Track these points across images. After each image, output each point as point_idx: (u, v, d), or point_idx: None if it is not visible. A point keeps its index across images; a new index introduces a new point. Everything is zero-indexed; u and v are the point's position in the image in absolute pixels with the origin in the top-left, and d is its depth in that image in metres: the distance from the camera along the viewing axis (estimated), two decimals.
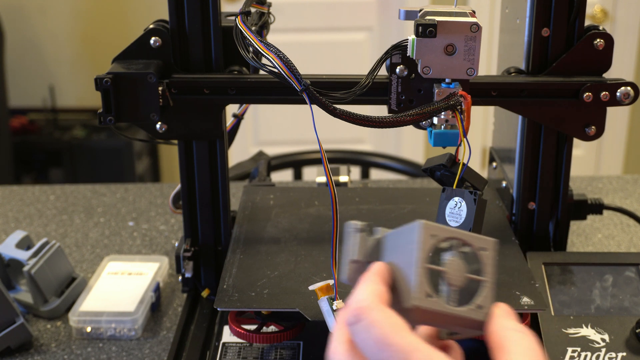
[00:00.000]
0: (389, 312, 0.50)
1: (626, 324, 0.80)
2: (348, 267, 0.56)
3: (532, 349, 0.50)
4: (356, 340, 0.50)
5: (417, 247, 0.52)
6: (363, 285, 0.53)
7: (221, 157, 0.88)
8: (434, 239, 0.53)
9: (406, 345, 0.48)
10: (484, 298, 0.53)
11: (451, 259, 0.53)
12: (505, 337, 0.51)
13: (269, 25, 0.93)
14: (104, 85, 0.79)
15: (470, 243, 0.54)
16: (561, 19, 0.84)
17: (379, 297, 0.51)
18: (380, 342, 0.49)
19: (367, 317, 0.50)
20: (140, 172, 3.02)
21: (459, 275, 0.53)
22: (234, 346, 0.83)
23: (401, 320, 0.50)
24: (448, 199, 0.77)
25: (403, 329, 0.49)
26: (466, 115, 0.72)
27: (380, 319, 0.49)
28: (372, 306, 0.50)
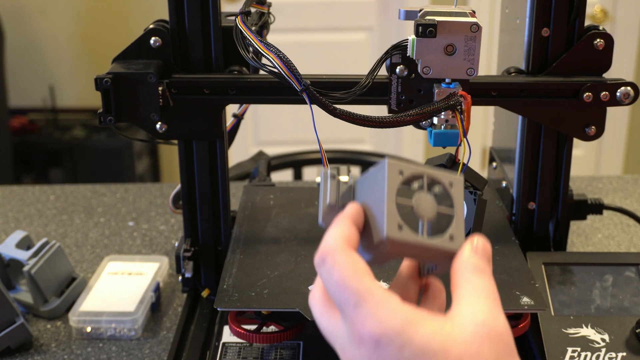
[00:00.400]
0: (351, 256, 0.52)
1: (626, 324, 0.80)
2: (323, 211, 0.58)
3: (484, 288, 0.51)
4: (322, 281, 0.53)
5: (386, 184, 0.54)
6: (332, 228, 0.54)
7: (221, 157, 0.88)
8: (401, 176, 0.55)
9: (362, 288, 0.50)
10: (454, 229, 0.55)
11: (419, 194, 0.55)
12: (461, 276, 0.52)
13: (269, 25, 0.93)
14: (104, 85, 0.79)
15: (438, 179, 0.56)
16: (561, 19, 0.84)
17: (344, 239, 0.53)
18: (339, 284, 0.51)
19: (331, 259, 0.52)
20: (140, 172, 3.02)
21: (428, 209, 0.55)
22: (234, 346, 0.83)
23: (362, 264, 0.51)
24: None
25: (361, 273, 0.51)
26: (466, 115, 0.72)
27: (341, 262, 0.51)
28: (335, 249, 0.52)
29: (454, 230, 0.55)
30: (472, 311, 0.50)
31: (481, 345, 0.48)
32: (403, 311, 0.49)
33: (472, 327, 0.49)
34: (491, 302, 0.51)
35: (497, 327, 0.49)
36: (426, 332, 0.48)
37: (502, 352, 0.49)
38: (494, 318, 0.50)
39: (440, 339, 0.48)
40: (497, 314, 0.50)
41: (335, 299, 0.52)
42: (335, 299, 0.52)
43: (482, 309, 0.50)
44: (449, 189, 0.56)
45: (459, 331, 0.49)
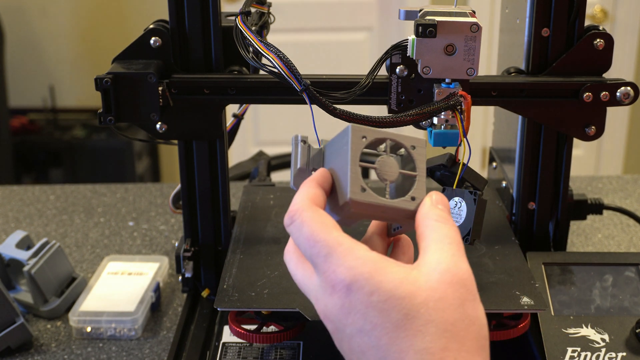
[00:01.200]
0: (318, 212, 0.55)
1: (626, 324, 0.80)
2: (294, 174, 0.61)
3: (447, 236, 0.54)
4: (293, 239, 0.56)
5: (349, 148, 0.57)
6: (299, 191, 0.57)
7: (221, 157, 0.88)
8: (365, 140, 0.57)
9: (331, 240, 0.53)
10: (416, 190, 0.58)
11: (382, 157, 0.58)
12: (425, 225, 0.55)
13: (269, 25, 0.93)
14: (104, 85, 0.79)
15: (401, 142, 0.59)
16: (561, 19, 0.84)
17: (311, 199, 0.56)
18: (309, 238, 0.54)
19: (299, 217, 0.55)
20: (140, 172, 3.02)
21: (391, 171, 0.58)
22: (234, 346, 0.83)
23: (329, 219, 0.55)
24: (448, 198, 0.77)
25: (329, 226, 0.54)
26: (466, 115, 0.72)
27: (309, 218, 0.54)
28: (303, 207, 0.55)
29: (416, 192, 0.58)
30: (437, 259, 0.53)
31: (445, 290, 0.51)
32: (371, 258, 0.52)
33: (436, 274, 0.52)
34: (454, 249, 0.54)
35: (459, 272, 0.52)
36: (394, 279, 0.51)
37: (464, 296, 0.52)
38: (457, 264, 0.53)
39: (407, 285, 0.51)
40: (460, 260, 0.53)
41: (307, 254, 0.55)
42: (307, 254, 0.55)
43: (446, 256, 0.53)
44: (411, 152, 0.59)
45: (424, 278, 0.51)
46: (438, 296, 0.51)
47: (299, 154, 0.61)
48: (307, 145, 0.61)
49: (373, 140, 0.58)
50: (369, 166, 0.57)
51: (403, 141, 0.59)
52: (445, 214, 0.56)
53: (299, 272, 0.57)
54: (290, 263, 0.58)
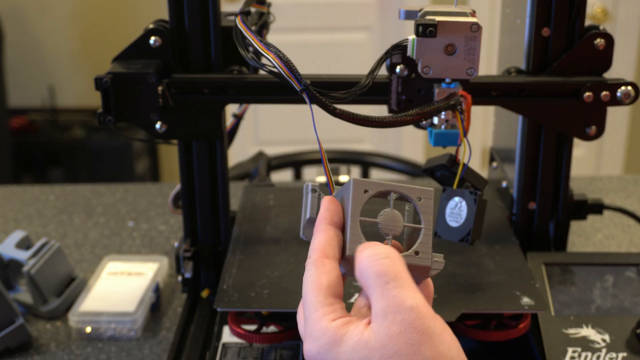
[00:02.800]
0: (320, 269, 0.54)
1: (627, 324, 0.80)
2: (304, 225, 0.59)
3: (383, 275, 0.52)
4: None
5: (351, 202, 0.56)
6: (313, 237, 0.57)
7: (221, 157, 0.88)
8: (367, 194, 0.56)
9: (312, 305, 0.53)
10: (420, 244, 0.56)
11: (386, 211, 0.57)
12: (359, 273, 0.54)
13: (269, 25, 0.93)
14: (104, 85, 0.79)
15: (407, 194, 0.57)
16: (561, 19, 0.84)
17: (320, 250, 0.55)
18: (304, 296, 0.55)
19: (306, 272, 0.55)
20: (140, 172, 3.02)
21: (394, 225, 0.56)
22: (233, 346, 0.82)
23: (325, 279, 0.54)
24: (448, 199, 0.77)
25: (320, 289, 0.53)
26: (466, 115, 0.72)
27: (309, 277, 0.55)
28: (311, 262, 0.55)
29: (420, 246, 0.56)
30: (381, 309, 0.51)
31: (396, 345, 0.49)
32: (330, 329, 0.52)
33: (384, 328, 0.50)
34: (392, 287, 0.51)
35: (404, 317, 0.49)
36: (348, 348, 0.51)
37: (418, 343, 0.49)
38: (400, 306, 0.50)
39: (360, 351, 0.50)
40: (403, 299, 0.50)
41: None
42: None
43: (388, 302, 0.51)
44: (417, 204, 0.57)
45: (374, 337, 0.50)
46: (391, 353, 0.49)
47: (308, 203, 0.59)
48: (318, 194, 0.59)
49: (377, 193, 0.57)
50: (371, 221, 0.56)
51: (409, 193, 0.57)
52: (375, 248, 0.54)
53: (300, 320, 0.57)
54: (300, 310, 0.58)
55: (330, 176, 0.68)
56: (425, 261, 0.56)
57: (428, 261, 0.56)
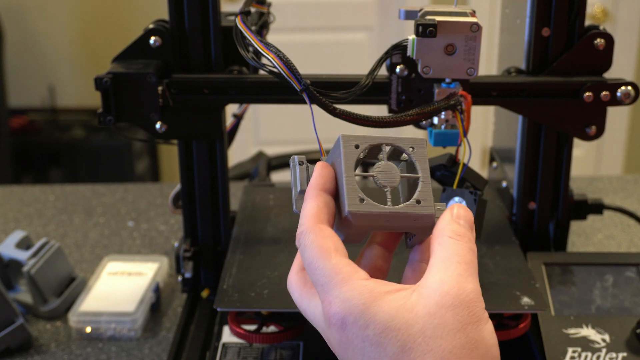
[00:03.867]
0: (320, 233, 0.52)
1: (627, 324, 0.80)
2: (296, 198, 0.57)
3: (457, 254, 0.51)
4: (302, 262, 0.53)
5: (343, 159, 0.54)
6: (303, 207, 0.54)
7: (221, 157, 0.88)
8: (358, 149, 0.55)
9: (328, 268, 0.50)
10: (420, 192, 0.54)
11: (380, 164, 0.55)
12: (438, 243, 0.52)
13: (269, 25, 0.93)
14: (104, 85, 0.79)
15: (399, 145, 0.56)
16: (561, 19, 0.84)
17: (315, 216, 0.53)
18: (310, 265, 0.52)
19: (303, 241, 0.53)
20: (140, 172, 3.02)
21: (391, 177, 0.55)
22: (233, 346, 0.82)
23: (330, 241, 0.52)
24: (448, 199, 0.77)
25: (328, 252, 0.51)
26: (466, 115, 0.72)
27: (310, 244, 0.52)
28: (307, 229, 0.53)
29: (421, 194, 0.54)
30: (439, 279, 0.49)
31: (444, 315, 0.48)
32: (366, 288, 0.49)
33: (436, 297, 0.48)
34: (461, 268, 0.50)
35: (462, 294, 0.49)
36: (389, 308, 0.48)
37: (466, 320, 0.48)
38: (461, 285, 0.49)
39: (403, 314, 0.48)
40: (465, 281, 0.49)
41: (311, 280, 0.52)
42: (311, 280, 0.52)
43: (450, 275, 0.49)
44: (410, 154, 0.56)
45: (423, 303, 0.48)
46: (436, 322, 0.48)
47: (297, 176, 0.58)
48: (306, 166, 0.58)
49: (368, 148, 0.55)
50: (366, 174, 0.55)
51: (400, 143, 0.56)
52: (464, 229, 0.53)
53: (304, 303, 0.55)
54: (294, 293, 0.56)
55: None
56: (428, 209, 0.54)
57: (431, 209, 0.54)
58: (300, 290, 0.55)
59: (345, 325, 0.49)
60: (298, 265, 0.57)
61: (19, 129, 3.05)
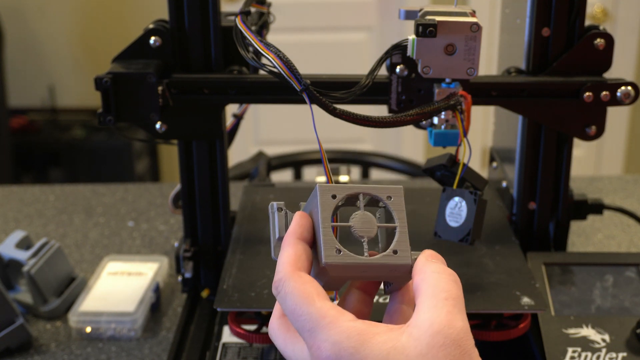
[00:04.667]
0: (299, 280, 0.52)
1: (627, 324, 0.80)
2: (274, 245, 0.57)
3: (444, 290, 0.50)
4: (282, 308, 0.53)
5: (320, 209, 0.54)
6: (280, 254, 0.54)
7: (221, 157, 0.88)
8: (335, 199, 0.54)
9: (314, 313, 0.50)
10: (397, 242, 0.54)
11: (357, 214, 0.55)
12: (422, 279, 0.52)
13: (269, 25, 0.93)
14: (104, 85, 0.79)
15: (376, 194, 0.56)
16: (561, 19, 0.84)
17: (292, 264, 0.53)
18: (293, 311, 0.51)
19: (282, 288, 0.52)
20: (140, 172, 3.02)
21: (368, 227, 0.54)
22: (233, 346, 0.82)
23: (312, 286, 0.51)
24: (448, 199, 0.77)
25: (311, 296, 0.51)
26: (466, 115, 0.72)
27: (290, 289, 0.51)
28: (286, 277, 0.52)
29: (398, 244, 0.54)
30: (429, 318, 0.49)
31: (435, 356, 0.48)
32: (355, 330, 0.49)
33: (427, 337, 0.48)
34: (450, 305, 0.50)
35: (452, 334, 0.48)
36: (380, 351, 0.48)
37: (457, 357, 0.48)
38: (451, 323, 0.49)
39: (394, 356, 0.48)
40: (455, 318, 0.49)
41: (295, 327, 0.52)
42: (295, 327, 0.52)
43: (440, 315, 0.49)
44: (387, 203, 0.56)
45: (413, 345, 0.48)
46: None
47: (276, 222, 0.57)
48: (284, 212, 0.57)
49: (345, 197, 0.55)
50: (342, 225, 0.55)
51: (378, 193, 0.56)
52: (442, 266, 0.53)
53: (288, 349, 0.54)
54: (278, 340, 0.55)
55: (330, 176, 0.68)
56: (404, 259, 0.54)
57: (408, 259, 0.54)
58: (283, 335, 0.54)
59: None
60: (278, 311, 0.56)
61: (19, 129, 3.05)
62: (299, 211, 0.57)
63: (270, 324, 0.56)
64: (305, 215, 0.56)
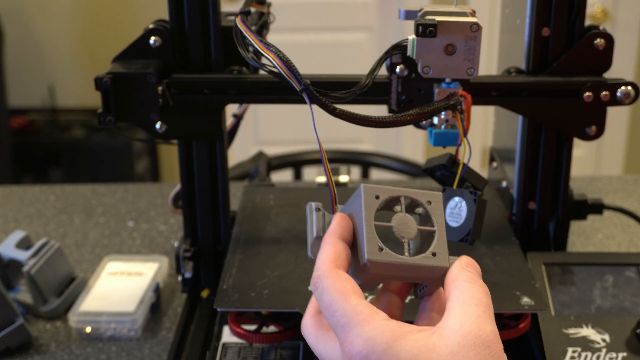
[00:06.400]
0: (338, 278, 0.53)
1: (627, 324, 0.80)
2: (311, 244, 0.59)
3: (475, 297, 0.52)
4: (318, 304, 0.55)
5: (363, 208, 0.56)
6: (321, 251, 0.56)
7: (221, 157, 0.88)
8: (378, 200, 0.57)
9: (349, 309, 0.52)
10: (436, 246, 0.56)
11: (399, 215, 0.57)
12: (454, 287, 0.54)
13: (269, 25, 0.93)
14: (104, 85, 0.79)
15: (417, 198, 0.58)
16: (561, 19, 0.84)
17: (332, 261, 0.55)
18: (329, 307, 0.53)
19: (320, 284, 0.54)
20: (140, 172, 3.02)
21: (408, 229, 0.57)
22: (233, 346, 0.82)
23: (349, 285, 0.53)
24: (448, 199, 0.77)
25: (348, 294, 0.52)
26: (466, 115, 0.72)
27: (328, 286, 0.53)
28: (324, 273, 0.54)
29: (436, 247, 0.56)
30: (460, 321, 0.50)
31: (466, 355, 0.49)
32: (389, 327, 0.50)
33: (458, 337, 0.50)
34: (480, 311, 0.51)
35: (482, 335, 0.50)
36: (412, 347, 0.49)
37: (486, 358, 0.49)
38: (481, 327, 0.50)
39: (425, 353, 0.49)
40: (485, 322, 0.51)
41: (329, 323, 0.53)
42: (329, 323, 0.53)
43: (470, 317, 0.51)
44: (427, 207, 0.58)
45: (444, 344, 0.49)
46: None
47: (314, 222, 0.59)
48: (322, 213, 0.59)
49: (387, 199, 0.57)
50: (385, 225, 0.56)
51: (418, 197, 0.58)
52: (476, 275, 0.54)
53: (319, 345, 0.56)
54: (310, 336, 0.57)
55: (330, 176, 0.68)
56: (443, 262, 0.56)
57: (446, 262, 0.56)
58: (315, 333, 0.56)
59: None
60: (313, 308, 0.58)
61: (19, 129, 3.05)
62: (339, 212, 0.59)
63: (304, 320, 0.58)
64: (345, 216, 0.58)
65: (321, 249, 0.56)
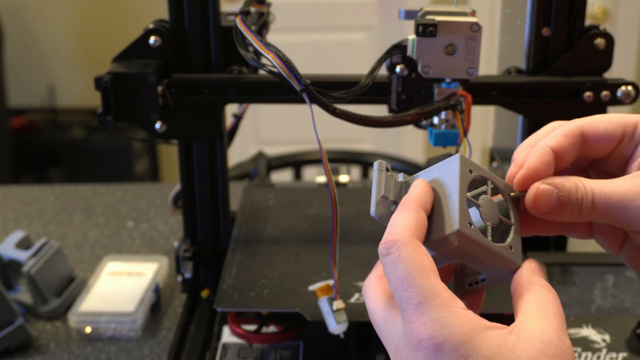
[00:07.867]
0: (418, 249, 0.49)
1: (627, 324, 0.80)
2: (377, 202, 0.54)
3: (552, 306, 0.50)
4: (385, 272, 0.50)
5: (459, 177, 0.52)
6: (399, 214, 0.51)
7: (221, 157, 0.88)
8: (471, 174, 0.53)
9: (427, 288, 0.48)
10: (512, 240, 0.53)
11: (485, 197, 0.53)
12: (529, 289, 0.51)
13: (269, 25, 0.93)
14: (104, 85, 0.79)
15: (502, 188, 0.54)
16: (562, 19, 0.84)
17: (412, 229, 0.50)
18: (402, 280, 0.48)
19: (396, 251, 0.49)
20: (140, 172, 3.02)
21: (492, 214, 0.53)
22: (233, 347, 0.82)
23: (428, 261, 0.49)
24: None
25: (427, 271, 0.48)
26: (466, 115, 0.72)
27: (407, 256, 0.48)
28: (402, 240, 0.49)
29: (512, 241, 0.53)
30: (539, 327, 0.48)
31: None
32: (469, 318, 0.48)
33: (538, 344, 0.47)
34: (559, 321, 0.49)
35: (563, 347, 0.48)
36: (492, 345, 0.47)
37: None
38: (561, 338, 0.48)
39: (505, 353, 0.47)
40: (564, 334, 0.49)
41: (396, 295, 0.49)
42: (396, 295, 0.49)
43: (550, 326, 0.48)
44: (508, 200, 0.55)
45: (524, 347, 0.47)
46: None
47: (383, 181, 0.54)
48: (391, 174, 0.55)
49: (476, 177, 0.54)
50: (475, 202, 0.53)
51: (504, 187, 0.55)
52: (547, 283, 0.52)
53: (379, 312, 0.52)
54: (371, 299, 0.53)
55: (330, 176, 0.68)
56: (517, 258, 0.53)
57: (519, 259, 0.53)
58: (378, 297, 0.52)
59: (441, 351, 0.47)
60: (379, 271, 0.54)
61: (19, 129, 3.05)
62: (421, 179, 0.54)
63: (368, 281, 0.54)
64: (429, 185, 0.53)
65: (400, 213, 0.51)
